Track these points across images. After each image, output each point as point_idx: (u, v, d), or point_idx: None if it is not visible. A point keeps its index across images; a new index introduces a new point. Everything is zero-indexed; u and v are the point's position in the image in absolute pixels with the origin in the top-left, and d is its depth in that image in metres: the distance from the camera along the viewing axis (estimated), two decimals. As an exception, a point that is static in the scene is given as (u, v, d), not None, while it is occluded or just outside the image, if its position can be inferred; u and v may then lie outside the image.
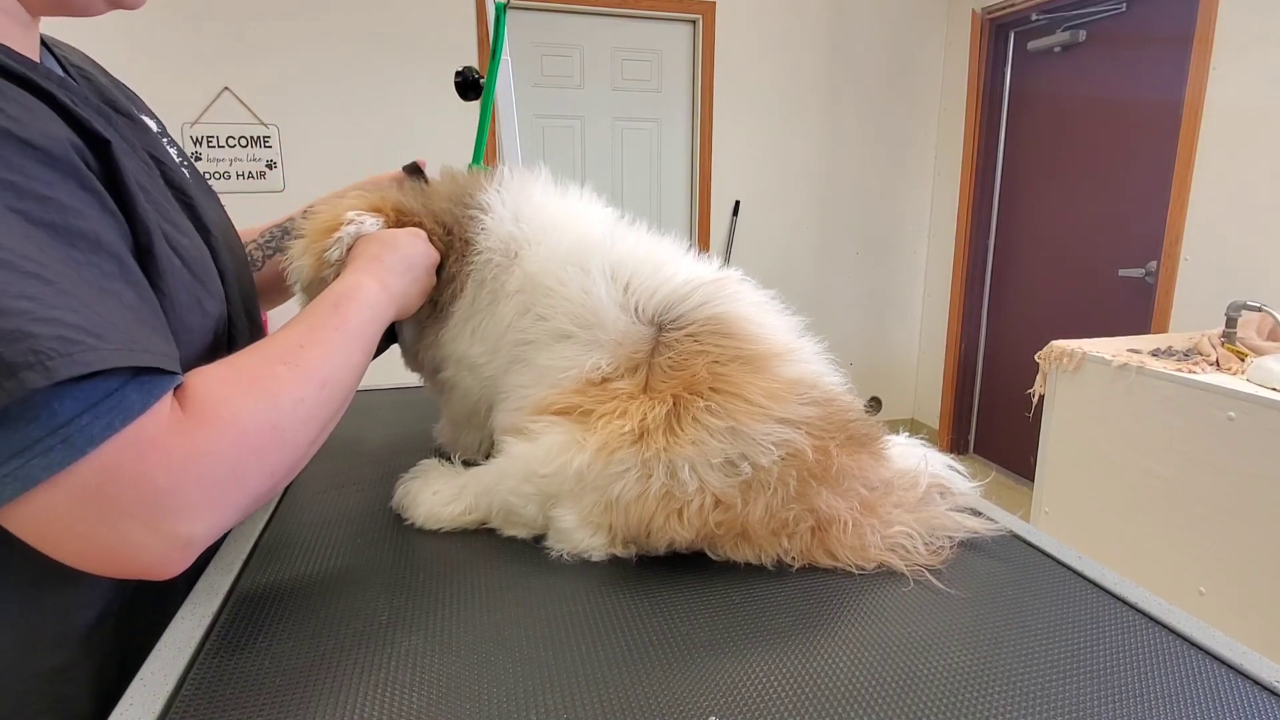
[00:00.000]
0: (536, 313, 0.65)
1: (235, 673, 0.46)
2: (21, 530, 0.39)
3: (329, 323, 0.56)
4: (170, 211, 0.55)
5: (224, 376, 0.46)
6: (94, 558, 0.40)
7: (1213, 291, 2.38)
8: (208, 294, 0.56)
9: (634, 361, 0.62)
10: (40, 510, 0.38)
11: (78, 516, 0.39)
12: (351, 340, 0.56)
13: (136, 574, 0.42)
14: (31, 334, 0.35)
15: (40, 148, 0.40)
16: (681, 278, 0.64)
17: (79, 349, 0.37)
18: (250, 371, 0.48)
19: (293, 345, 0.52)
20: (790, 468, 0.56)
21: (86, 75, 0.59)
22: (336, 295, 0.58)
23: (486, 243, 0.69)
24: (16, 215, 0.38)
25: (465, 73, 1.04)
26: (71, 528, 0.39)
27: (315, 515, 0.69)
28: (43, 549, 0.40)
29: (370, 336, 0.59)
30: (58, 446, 0.37)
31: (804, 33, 3.35)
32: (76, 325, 0.37)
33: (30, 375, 0.35)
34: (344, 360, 0.54)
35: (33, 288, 0.37)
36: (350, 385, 0.55)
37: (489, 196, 0.71)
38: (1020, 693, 0.45)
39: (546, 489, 0.60)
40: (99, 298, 0.40)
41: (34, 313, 0.36)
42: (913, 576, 0.58)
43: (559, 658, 0.47)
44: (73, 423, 0.37)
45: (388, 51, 2.95)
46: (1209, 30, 2.34)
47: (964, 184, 3.43)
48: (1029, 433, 2.55)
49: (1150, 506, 1.68)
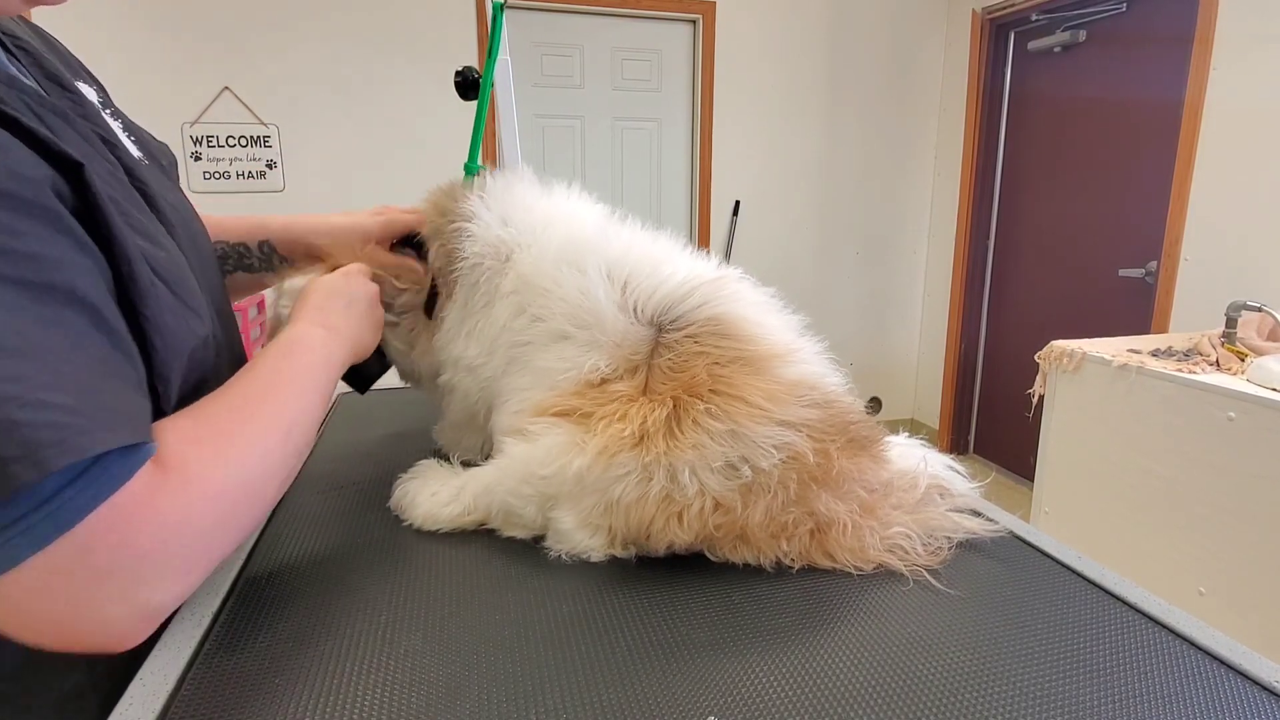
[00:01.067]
0: (532, 313, 0.65)
1: (235, 673, 0.46)
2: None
3: (281, 368, 0.55)
4: (142, 221, 0.52)
5: (196, 435, 0.45)
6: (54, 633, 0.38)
7: (1213, 291, 2.38)
8: (192, 313, 0.53)
9: (633, 363, 0.61)
10: (16, 587, 0.36)
11: (54, 590, 0.37)
12: (308, 387, 0.55)
13: (98, 648, 0.40)
14: (19, 422, 0.33)
15: (8, 192, 0.37)
16: (680, 277, 0.64)
17: (70, 433, 0.35)
18: (219, 427, 0.47)
19: (254, 396, 0.51)
20: (791, 470, 0.56)
21: (25, 47, 0.54)
22: (287, 344, 0.58)
23: (473, 248, 0.69)
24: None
25: (465, 72, 1.04)
26: (44, 602, 0.37)
27: (315, 515, 0.69)
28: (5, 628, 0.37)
29: (326, 382, 0.58)
30: (42, 523, 0.35)
31: (804, 33, 3.35)
32: (63, 406, 0.35)
33: (20, 469, 0.33)
34: (305, 406, 0.54)
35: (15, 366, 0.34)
36: (311, 432, 0.54)
37: (471, 205, 0.71)
38: (1020, 693, 0.45)
39: (546, 490, 0.60)
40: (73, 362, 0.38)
41: (21, 398, 0.34)
42: (912, 577, 0.58)
43: (559, 658, 0.47)
44: (58, 497, 0.35)
45: (388, 51, 2.95)
46: (1209, 30, 2.34)
47: (964, 184, 3.43)
48: (1029, 433, 2.55)
49: (1150, 507, 1.68)
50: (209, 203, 0.73)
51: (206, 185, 2.87)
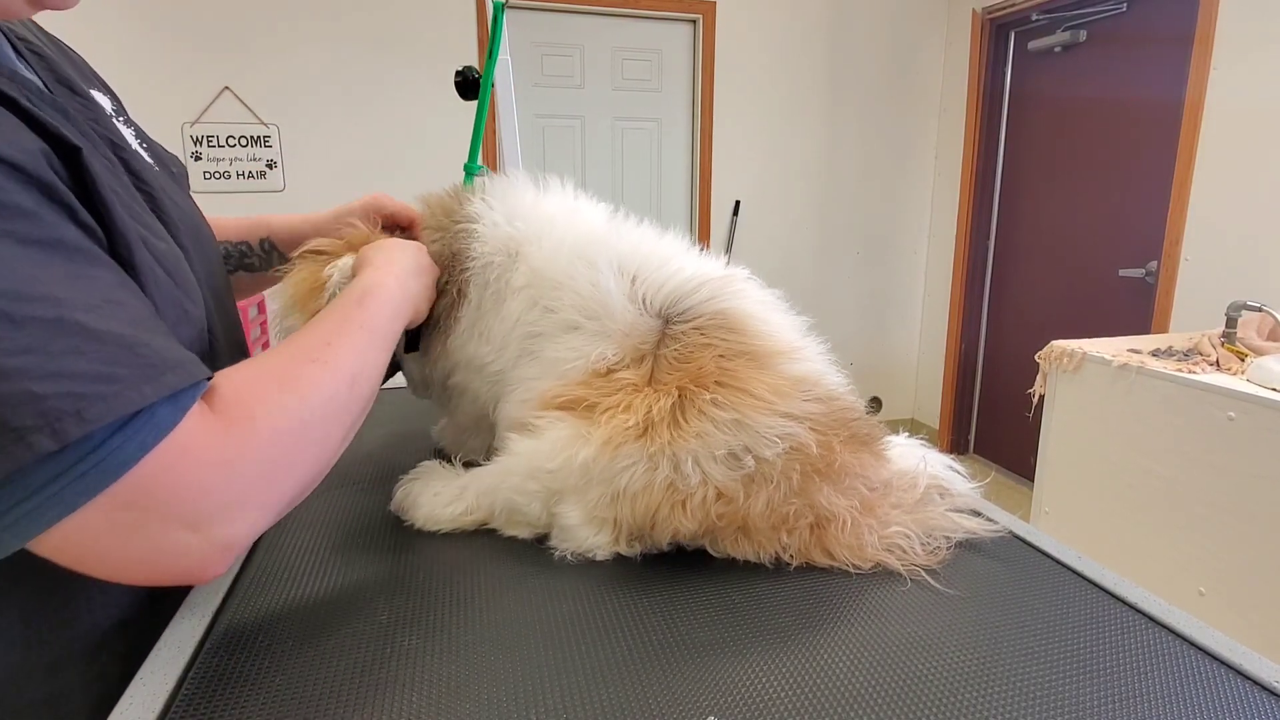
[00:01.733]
0: (544, 305, 0.66)
1: (235, 672, 0.46)
2: (58, 553, 0.38)
3: (355, 319, 0.55)
4: (141, 214, 0.52)
5: (252, 376, 0.46)
6: (137, 569, 0.40)
7: (1213, 291, 2.38)
8: (190, 301, 0.53)
9: (640, 352, 0.62)
10: (78, 532, 0.37)
11: (118, 532, 0.38)
12: (377, 337, 0.56)
13: (179, 580, 0.42)
14: (36, 395, 0.34)
15: (14, 163, 0.38)
16: (688, 272, 0.65)
17: (87, 404, 0.36)
18: (279, 370, 0.48)
19: (320, 342, 0.51)
20: (793, 461, 0.57)
21: (38, 51, 0.55)
22: (360, 292, 0.58)
23: (483, 248, 0.69)
24: (8, 239, 0.36)
25: (465, 72, 1.04)
26: (112, 543, 0.39)
27: (315, 515, 0.69)
28: (81, 568, 0.39)
29: (392, 335, 0.59)
30: (92, 471, 0.36)
31: (804, 33, 3.35)
32: (85, 374, 0.36)
33: (39, 439, 0.34)
34: (372, 357, 0.54)
35: (33, 337, 0.35)
36: (376, 382, 0.55)
37: (475, 207, 0.72)
38: (1020, 693, 0.45)
39: (552, 485, 0.60)
40: (108, 315, 0.39)
41: (36, 369, 0.35)
42: (910, 577, 0.58)
43: (559, 658, 0.47)
44: (105, 446, 0.37)
45: (388, 51, 2.95)
46: (1209, 30, 2.34)
47: (964, 184, 3.43)
48: (1029, 433, 2.55)
49: (1150, 506, 1.68)
50: (209, 203, 0.73)
51: (206, 185, 2.87)
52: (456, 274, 0.71)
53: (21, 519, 0.36)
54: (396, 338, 0.60)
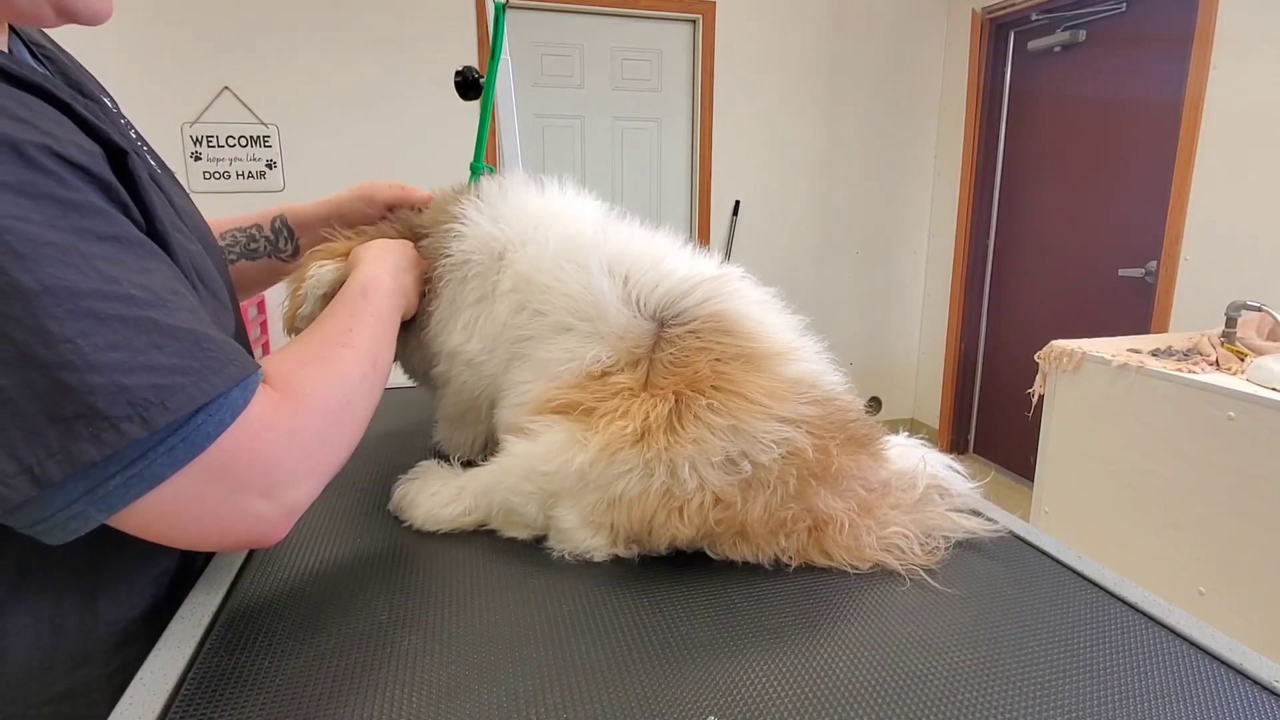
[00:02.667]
0: (534, 308, 0.66)
1: (235, 672, 0.46)
2: (144, 522, 0.42)
3: (364, 309, 0.61)
4: (174, 217, 0.54)
5: (298, 359, 0.52)
6: (216, 534, 0.45)
7: (1213, 291, 2.38)
8: (220, 305, 0.56)
9: (635, 356, 0.62)
10: (166, 501, 0.42)
11: (203, 499, 0.43)
12: (384, 324, 0.62)
13: (252, 543, 0.47)
14: (126, 386, 0.38)
15: (79, 164, 0.41)
16: (682, 273, 0.64)
17: (169, 394, 0.40)
18: (317, 354, 0.54)
19: (343, 329, 0.57)
20: (790, 466, 0.56)
21: (49, 55, 0.56)
22: (360, 286, 0.63)
23: (460, 246, 0.70)
24: (86, 235, 0.39)
25: (465, 72, 1.04)
26: (197, 510, 0.43)
27: (314, 515, 0.68)
28: (164, 538, 0.44)
29: (395, 323, 0.64)
30: (179, 445, 0.41)
31: (804, 33, 3.35)
32: (165, 367, 0.40)
33: (130, 427, 0.38)
34: (384, 342, 0.60)
35: (119, 334, 0.39)
36: (390, 365, 0.61)
37: (462, 208, 0.73)
38: (1020, 693, 0.45)
39: (547, 487, 0.60)
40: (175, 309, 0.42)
41: (125, 364, 0.39)
42: (909, 577, 0.58)
43: (559, 658, 0.47)
44: (190, 422, 0.41)
45: (388, 51, 2.94)
46: (1209, 30, 2.34)
47: (964, 184, 3.43)
48: (1029, 433, 2.55)
49: (1150, 506, 1.68)
50: (209, 203, 0.74)
51: (206, 185, 2.87)
52: (435, 270, 0.72)
53: (113, 492, 0.40)
54: (397, 326, 0.65)
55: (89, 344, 0.37)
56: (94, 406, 0.37)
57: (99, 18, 0.49)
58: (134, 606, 0.53)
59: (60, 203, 0.39)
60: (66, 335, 0.37)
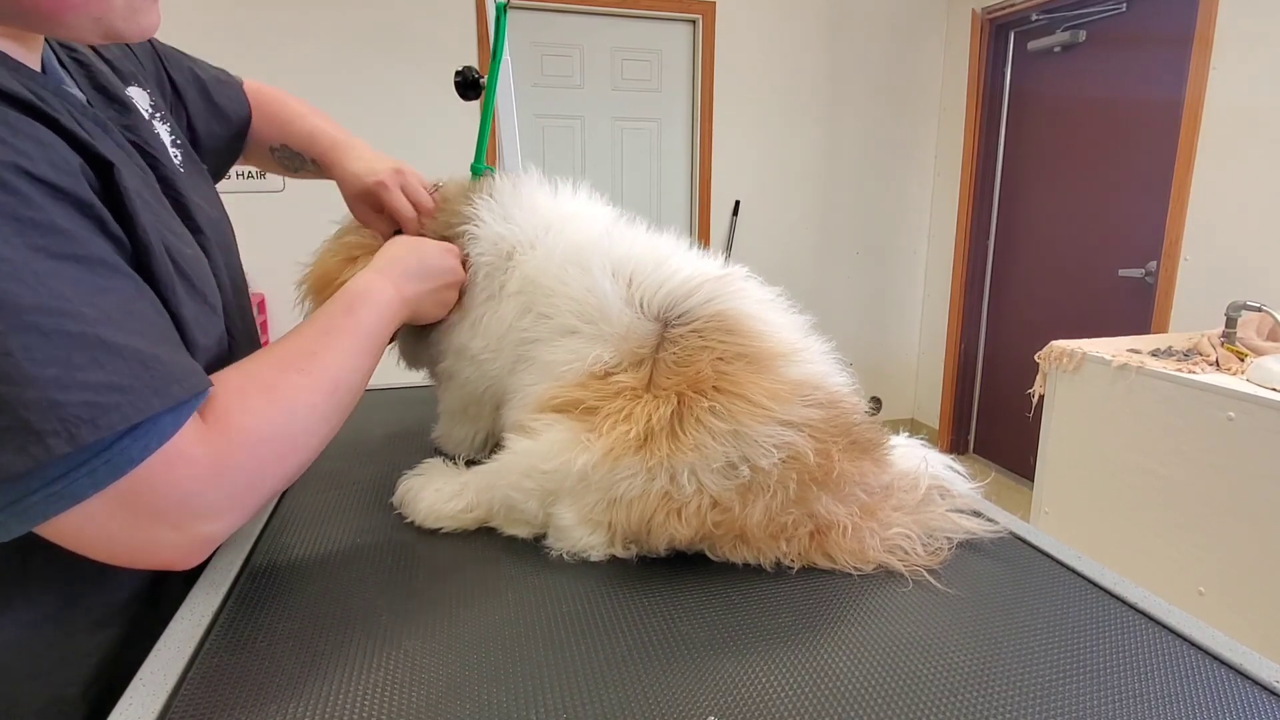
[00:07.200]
0: (539, 311, 0.66)
1: (235, 672, 0.46)
2: (61, 536, 0.43)
3: (341, 326, 0.58)
4: (169, 221, 0.54)
5: (242, 386, 0.49)
6: (125, 556, 0.45)
7: (1213, 291, 2.38)
8: (209, 308, 0.56)
9: (638, 356, 0.61)
10: (81, 519, 0.42)
11: (114, 523, 0.43)
12: (362, 343, 0.58)
13: (161, 566, 0.46)
14: (58, 402, 0.38)
15: (50, 183, 0.41)
16: (685, 274, 0.64)
17: (101, 412, 0.39)
18: (266, 380, 0.51)
19: (305, 351, 0.54)
20: (791, 471, 0.56)
21: (79, 59, 0.57)
22: (350, 297, 0.61)
23: (475, 249, 0.71)
24: (40, 253, 0.39)
25: (465, 72, 1.04)
26: (108, 532, 0.43)
27: (316, 514, 0.69)
28: (77, 549, 0.44)
29: (381, 338, 0.61)
30: (101, 468, 0.40)
31: (804, 33, 3.35)
32: (102, 384, 0.40)
33: (56, 442, 0.38)
34: (355, 364, 0.57)
35: (60, 349, 0.39)
36: (359, 388, 0.58)
37: (474, 207, 0.73)
38: (1020, 693, 0.45)
39: (547, 485, 0.60)
40: (127, 327, 0.42)
41: (61, 379, 0.38)
42: (911, 577, 0.58)
43: (559, 658, 0.47)
44: (114, 446, 0.41)
45: (388, 51, 2.94)
46: (1209, 30, 2.34)
47: (964, 184, 3.43)
48: (1029, 433, 2.55)
49: (1150, 506, 1.68)
50: (208, 203, 0.74)
51: (206, 185, 2.87)
52: None
53: (33, 506, 0.40)
54: (385, 341, 0.63)
55: (28, 358, 0.37)
56: (24, 420, 0.37)
57: (145, 35, 0.50)
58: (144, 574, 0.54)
59: (19, 220, 0.39)
60: (7, 349, 0.37)
